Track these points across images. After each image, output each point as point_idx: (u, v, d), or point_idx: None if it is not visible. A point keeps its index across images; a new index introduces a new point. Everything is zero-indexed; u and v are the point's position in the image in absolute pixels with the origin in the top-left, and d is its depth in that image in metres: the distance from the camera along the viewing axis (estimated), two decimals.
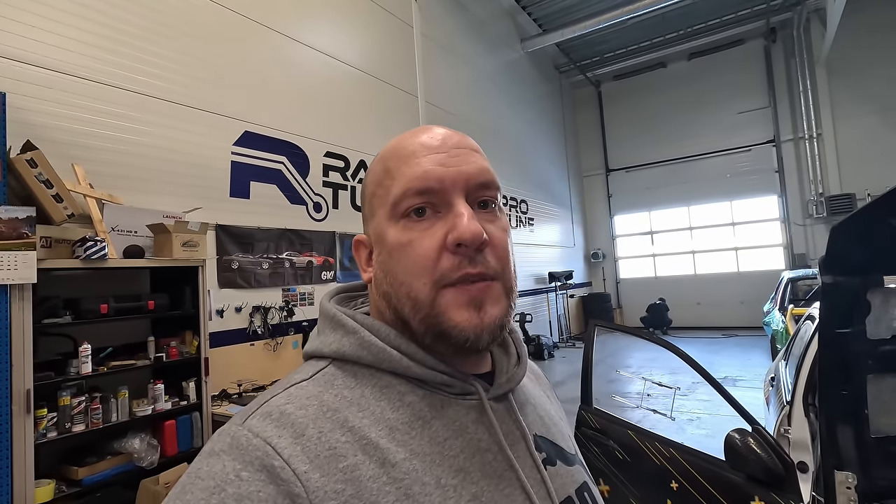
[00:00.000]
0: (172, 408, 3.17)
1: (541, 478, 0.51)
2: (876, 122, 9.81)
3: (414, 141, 0.52)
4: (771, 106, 11.04)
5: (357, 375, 0.50)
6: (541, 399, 0.64)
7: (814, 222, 10.43)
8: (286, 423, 0.43)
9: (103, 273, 3.09)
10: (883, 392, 1.12)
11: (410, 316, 0.49)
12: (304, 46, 5.14)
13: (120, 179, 3.44)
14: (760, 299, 9.24)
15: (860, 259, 1.07)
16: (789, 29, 10.69)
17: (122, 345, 3.16)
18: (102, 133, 3.39)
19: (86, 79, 3.32)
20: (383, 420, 0.46)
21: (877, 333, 1.09)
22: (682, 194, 12.07)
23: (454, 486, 0.45)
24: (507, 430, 0.52)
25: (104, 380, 2.92)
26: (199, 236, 3.42)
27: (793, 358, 2.67)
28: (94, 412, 2.77)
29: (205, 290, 3.40)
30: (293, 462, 0.40)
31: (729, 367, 7.40)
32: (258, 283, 4.37)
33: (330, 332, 0.53)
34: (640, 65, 12.48)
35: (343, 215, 5.42)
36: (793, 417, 2.15)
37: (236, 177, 4.29)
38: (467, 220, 0.47)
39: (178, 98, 3.87)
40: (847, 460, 1.13)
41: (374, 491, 0.41)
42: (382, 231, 0.51)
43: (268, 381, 4.13)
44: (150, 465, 2.96)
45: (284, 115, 4.80)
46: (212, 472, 0.39)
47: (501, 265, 0.49)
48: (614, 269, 13.10)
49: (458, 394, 0.51)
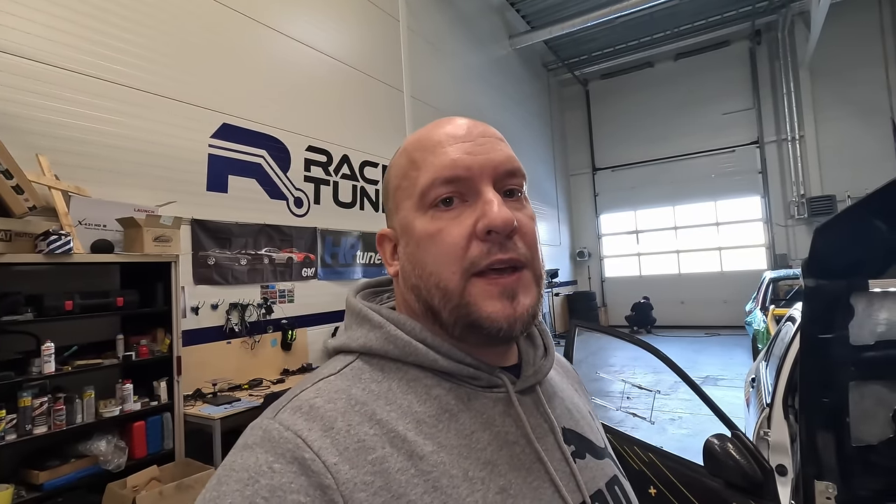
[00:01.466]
0: (142, 408, 3.07)
1: (570, 471, 0.51)
2: (856, 126, 9.96)
3: (439, 131, 0.52)
4: (755, 107, 11.15)
5: (384, 369, 0.50)
6: (569, 392, 0.63)
7: (795, 223, 10.57)
8: (316, 417, 0.43)
9: (69, 269, 2.96)
10: (865, 400, 1.08)
11: (441, 307, 0.48)
12: (287, 38, 5.02)
13: (89, 171, 3.31)
14: (743, 299, 9.34)
15: (844, 262, 1.02)
16: (774, 31, 10.80)
17: (88, 343, 3.04)
18: (70, 122, 3.25)
19: (52, 65, 3.18)
20: (410, 413, 0.47)
21: (860, 339, 1.05)
22: (668, 194, 12.15)
23: (482, 478, 0.45)
24: (534, 422, 0.52)
25: (69, 379, 2.81)
26: (172, 231, 3.31)
27: (773, 359, 2.66)
28: (57, 413, 2.66)
29: (178, 287, 3.29)
30: (323, 454, 0.41)
31: (711, 366, 7.46)
32: (236, 279, 4.25)
33: (356, 326, 0.54)
34: (627, 64, 12.51)
35: (325, 211, 5.32)
36: (772, 420, 2.13)
37: (214, 170, 4.16)
38: (497, 207, 0.47)
39: (152, 88, 3.74)
40: (827, 469, 1.09)
41: (403, 483, 0.42)
42: (409, 222, 0.51)
43: (244, 381, 4.02)
44: (118, 467, 2.85)
45: (265, 108, 4.68)
46: (245, 465, 0.40)
47: (531, 252, 0.49)
48: (600, 268, 13.15)
49: (485, 386, 0.51)
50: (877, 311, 1.03)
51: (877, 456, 1.09)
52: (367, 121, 6.04)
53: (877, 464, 1.09)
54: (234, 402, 3.49)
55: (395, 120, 6.56)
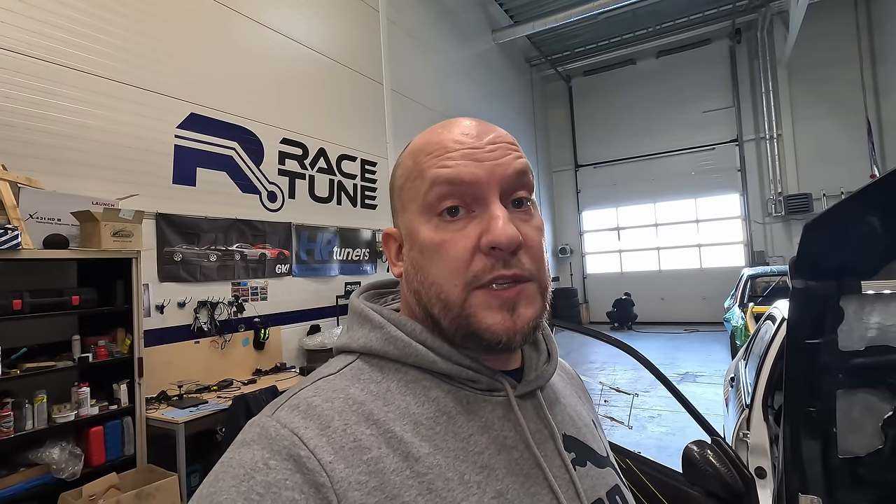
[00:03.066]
0: (100, 413, 2.90)
1: (569, 478, 0.50)
2: (832, 125, 10.12)
3: (447, 135, 0.50)
4: (735, 106, 11.26)
5: (384, 370, 0.50)
6: (572, 399, 0.62)
7: (773, 221, 10.72)
8: (313, 415, 0.43)
9: (18, 265, 2.79)
10: (853, 409, 1.01)
11: (441, 316, 0.48)
12: (261, 26, 4.83)
13: (41, 161, 3.11)
14: (721, 295, 9.43)
15: (835, 261, 0.95)
16: (754, 30, 10.90)
17: (40, 344, 2.86)
18: (19, 109, 3.04)
19: (0, 47, 2.97)
20: (408, 414, 0.46)
21: (849, 344, 0.97)
22: (649, 191, 12.22)
23: (478, 482, 0.44)
24: (534, 428, 0.51)
25: (17, 383, 2.63)
26: (133, 225, 3.13)
27: (753, 358, 2.62)
28: (4, 419, 2.50)
29: (139, 285, 3.12)
30: (318, 452, 0.41)
31: (690, 362, 7.50)
32: (204, 276, 4.08)
33: (358, 327, 0.54)
34: (610, 61, 12.52)
35: (300, 205, 5.16)
36: (752, 421, 2.08)
37: (180, 162, 3.98)
38: (503, 224, 0.46)
39: (113, 74, 3.54)
40: (813, 482, 1.02)
41: (397, 484, 0.41)
42: (414, 228, 0.50)
43: (213, 382, 3.86)
44: (72, 476, 2.69)
45: (237, 99, 4.50)
46: (242, 461, 0.40)
47: (536, 266, 0.48)
48: (581, 265, 13.19)
49: (485, 390, 0.51)
50: (868, 315, 0.96)
51: (864, 469, 1.02)
52: (345, 114, 5.88)
53: (864, 477, 1.02)
54: (200, 404, 3.33)
55: (374, 113, 6.41)
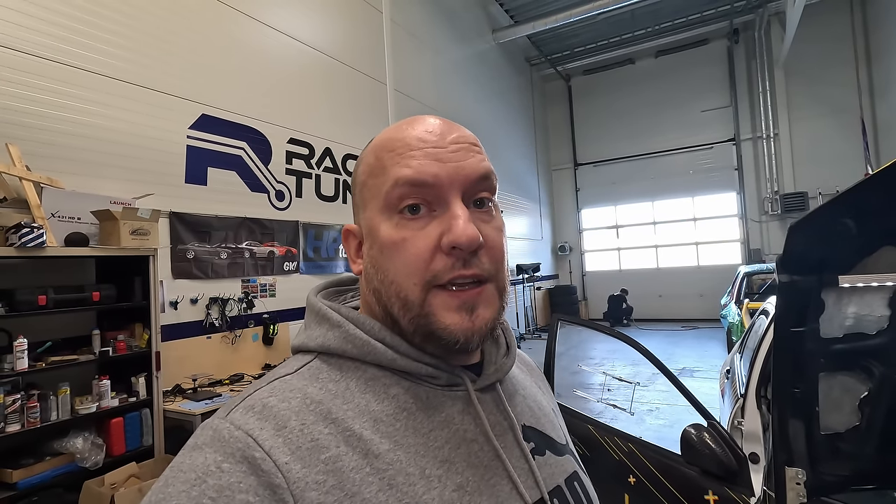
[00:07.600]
0: (120, 405, 3.01)
1: (529, 467, 0.51)
2: (827, 124, 10.25)
3: (410, 133, 0.50)
4: (732, 105, 11.39)
5: (342, 368, 0.49)
6: (531, 389, 0.63)
7: (769, 219, 10.86)
8: (268, 416, 0.43)
9: (42, 262, 2.88)
10: (833, 390, 1.13)
11: (400, 315, 0.48)
12: (268, 28, 4.93)
13: (62, 162, 3.21)
14: (718, 292, 9.56)
15: (816, 258, 1.07)
16: (751, 31, 11.02)
17: (63, 339, 2.97)
18: (41, 111, 3.14)
19: (22, 51, 3.06)
20: (368, 412, 0.46)
21: (829, 332, 1.10)
22: (647, 189, 12.35)
23: (439, 476, 0.45)
24: (494, 420, 0.52)
25: (43, 376, 2.74)
26: (149, 224, 3.24)
27: (747, 351, 2.74)
28: (30, 411, 2.60)
29: (156, 281, 3.23)
30: (274, 454, 0.40)
31: (687, 358, 7.64)
32: (216, 273, 4.19)
33: (315, 326, 0.53)
34: (609, 60, 12.63)
35: (307, 204, 5.26)
36: (746, 410, 2.20)
37: (192, 162, 4.08)
38: (463, 224, 0.46)
39: (128, 77, 3.63)
40: (797, 456, 1.14)
41: (357, 481, 0.41)
42: (374, 225, 0.50)
43: (225, 376, 3.98)
44: (95, 465, 2.80)
45: (245, 99, 4.60)
46: (193, 465, 0.39)
47: (495, 267, 0.49)
48: (580, 262, 13.32)
49: (445, 385, 0.51)
50: (845, 306, 1.08)
51: (843, 443, 1.15)
52: (350, 113, 5.98)
53: (843, 450, 1.15)
54: (214, 397, 3.45)
55: (378, 113, 6.51)
